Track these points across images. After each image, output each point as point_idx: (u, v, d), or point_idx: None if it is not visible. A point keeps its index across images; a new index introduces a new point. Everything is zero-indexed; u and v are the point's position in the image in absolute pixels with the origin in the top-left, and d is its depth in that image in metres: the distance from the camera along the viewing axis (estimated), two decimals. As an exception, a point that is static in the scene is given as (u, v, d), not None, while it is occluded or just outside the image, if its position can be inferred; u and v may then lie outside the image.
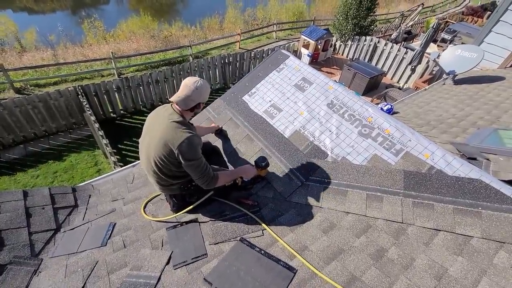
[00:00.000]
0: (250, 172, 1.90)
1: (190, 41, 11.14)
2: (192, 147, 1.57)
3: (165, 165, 1.64)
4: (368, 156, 1.90)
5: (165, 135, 1.56)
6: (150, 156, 1.66)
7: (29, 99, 6.18)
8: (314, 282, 1.39)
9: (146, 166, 1.75)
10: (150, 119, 1.78)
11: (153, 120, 1.74)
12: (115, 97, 7.35)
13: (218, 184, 1.76)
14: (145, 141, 1.73)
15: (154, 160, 1.64)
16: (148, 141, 1.69)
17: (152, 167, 1.68)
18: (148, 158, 1.69)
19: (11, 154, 6.22)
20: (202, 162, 1.63)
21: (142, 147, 1.77)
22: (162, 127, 1.60)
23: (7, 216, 1.88)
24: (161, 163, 1.63)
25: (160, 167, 1.65)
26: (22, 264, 1.68)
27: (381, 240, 1.52)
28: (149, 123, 1.77)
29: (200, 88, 1.65)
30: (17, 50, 11.00)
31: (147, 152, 1.69)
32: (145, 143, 1.72)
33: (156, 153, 1.61)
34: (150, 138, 1.67)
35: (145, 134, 1.76)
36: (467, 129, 2.95)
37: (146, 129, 1.76)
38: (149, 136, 1.69)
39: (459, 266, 1.31)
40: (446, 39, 12.22)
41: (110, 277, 1.58)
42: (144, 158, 1.74)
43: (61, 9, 19.05)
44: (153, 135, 1.64)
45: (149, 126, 1.75)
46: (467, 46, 4.92)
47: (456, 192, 1.55)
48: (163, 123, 1.62)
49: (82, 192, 2.36)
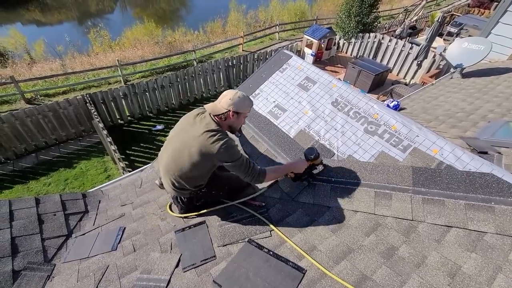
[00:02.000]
0: (301, 166, 1.83)
1: (194, 45, 11.26)
2: (231, 150, 1.60)
3: (194, 171, 1.64)
4: (375, 153, 1.87)
5: (202, 145, 1.57)
6: (180, 162, 1.64)
7: (40, 109, 6.35)
8: (324, 282, 1.37)
9: (168, 167, 1.71)
10: (183, 123, 1.75)
11: (189, 125, 1.69)
12: (122, 104, 7.48)
13: (268, 180, 1.78)
14: (174, 144, 1.70)
15: (184, 165, 1.62)
16: (179, 145, 1.66)
17: (177, 171, 1.67)
18: (176, 163, 1.66)
19: (24, 163, 6.39)
20: (244, 160, 1.65)
21: (168, 148, 1.73)
22: (199, 138, 1.58)
23: (20, 223, 1.93)
24: (192, 169, 1.62)
25: (187, 172, 1.64)
26: (36, 269, 1.72)
27: (391, 238, 1.49)
28: (182, 126, 1.74)
29: (236, 95, 1.66)
30: (27, 62, 11.32)
31: (177, 156, 1.66)
32: (174, 146, 1.69)
33: (190, 160, 1.60)
34: (183, 143, 1.64)
35: (175, 136, 1.73)
36: (477, 122, 2.89)
37: (179, 131, 1.72)
38: (181, 139, 1.67)
39: (473, 263, 1.28)
40: (452, 32, 12.00)
41: (121, 281, 1.60)
42: (169, 160, 1.70)
43: (68, 20, 19.55)
44: (187, 141, 1.62)
45: (182, 128, 1.71)
46: (474, 39, 4.82)
47: (467, 187, 1.51)
48: (199, 132, 1.60)
49: (92, 198, 2.40)
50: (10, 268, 1.67)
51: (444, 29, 12.34)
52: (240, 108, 1.68)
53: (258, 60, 9.89)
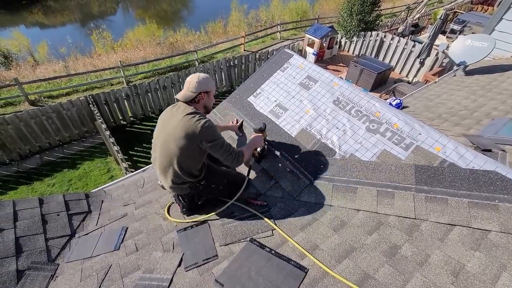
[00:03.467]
0: (260, 140, 2.04)
1: (196, 46, 11.28)
2: (212, 129, 1.70)
3: (186, 158, 1.69)
4: (377, 151, 1.86)
5: (185, 127, 1.65)
6: (169, 153, 1.69)
7: (43, 110, 6.40)
8: (326, 281, 1.37)
9: (162, 164, 1.75)
10: (163, 119, 1.83)
11: (167, 118, 1.78)
12: (124, 105, 7.52)
13: (245, 159, 1.89)
14: (160, 139, 1.76)
15: (174, 154, 1.67)
16: (164, 138, 1.72)
17: (170, 163, 1.71)
18: (166, 155, 1.71)
19: (28, 164, 6.45)
20: (224, 141, 1.76)
21: (156, 146, 1.79)
22: (180, 122, 1.67)
23: (24, 223, 1.95)
24: (182, 155, 1.68)
25: (180, 161, 1.69)
26: (39, 269, 1.73)
27: (393, 237, 1.49)
28: (162, 122, 1.81)
29: (198, 78, 1.79)
30: (30, 64, 11.42)
31: (165, 149, 1.71)
32: (161, 141, 1.74)
33: (177, 146, 1.66)
34: (167, 135, 1.71)
35: (159, 133, 1.79)
36: (481, 120, 2.86)
37: (161, 128, 1.80)
38: (164, 133, 1.73)
39: (477, 262, 1.26)
40: (455, 29, 11.89)
41: (124, 280, 1.61)
42: (160, 156, 1.75)
43: (70, 22, 19.69)
44: (170, 131, 1.69)
45: (163, 124, 1.79)
46: (477, 36, 4.77)
47: (471, 185, 1.49)
48: (178, 118, 1.69)
49: (95, 198, 2.42)
50: (14, 267, 1.69)
51: (447, 26, 12.24)
52: (208, 87, 1.83)
53: (260, 59, 9.88)
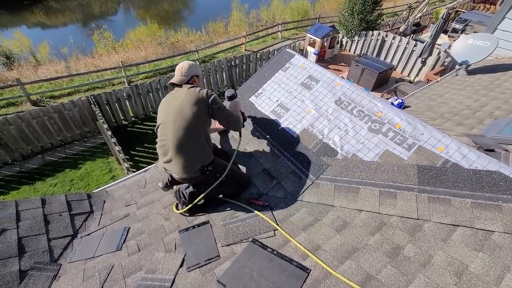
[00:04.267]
0: (238, 105, 2.21)
1: (197, 46, 11.27)
2: (214, 95, 1.88)
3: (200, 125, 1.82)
4: (379, 152, 1.85)
5: (192, 97, 1.80)
6: (185, 123, 1.76)
7: (45, 111, 6.41)
8: (329, 282, 1.37)
9: (178, 139, 1.76)
10: (167, 102, 1.92)
11: (170, 101, 1.89)
12: (126, 105, 7.52)
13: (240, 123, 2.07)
14: (170, 117, 1.80)
15: (190, 122, 1.76)
16: (176, 113, 1.79)
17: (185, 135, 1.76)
18: (182, 128, 1.76)
19: (30, 164, 6.47)
20: (224, 104, 1.96)
21: (168, 126, 1.80)
22: (186, 96, 1.81)
23: (27, 223, 1.95)
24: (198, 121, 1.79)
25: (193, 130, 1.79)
26: (42, 269, 1.73)
27: (396, 237, 1.48)
28: (167, 104, 1.90)
29: (187, 64, 1.98)
30: (32, 64, 11.43)
31: (180, 121, 1.76)
32: (173, 117, 1.79)
33: (192, 111, 1.77)
34: (178, 108, 1.79)
35: (166, 115, 1.85)
36: (484, 120, 2.84)
37: (167, 110, 1.87)
38: (173, 110, 1.81)
39: (480, 263, 1.26)
40: (457, 29, 11.83)
41: (126, 280, 1.61)
42: (175, 131, 1.76)
43: (72, 22, 19.71)
44: (180, 106, 1.80)
45: (168, 106, 1.87)
46: (480, 35, 4.74)
47: (474, 185, 1.49)
48: (183, 94, 1.84)
49: (97, 198, 2.42)
50: (17, 268, 1.69)
51: (449, 25, 12.18)
52: (197, 71, 2.02)
53: (261, 59, 9.87)
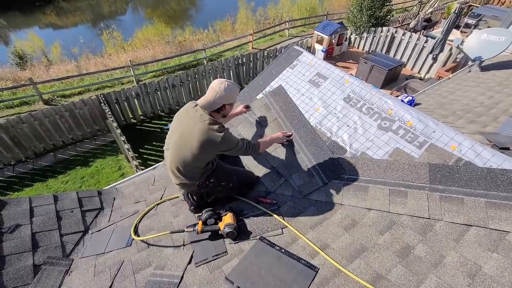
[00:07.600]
0: (281, 138, 2.08)
1: (204, 44, 11.30)
2: (230, 139, 1.69)
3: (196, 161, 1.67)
4: (389, 150, 1.82)
5: (203, 138, 1.60)
6: (181, 156, 1.67)
7: (57, 109, 6.56)
8: (337, 280, 1.35)
9: (172, 163, 1.73)
10: (180, 117, 1.77)
11: (183, 119, 1.72)
12: (134, 103, 7.63)
13: (261, 150, 1.98)
14: (173, 138, 1.72)
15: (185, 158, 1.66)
16: (177, 138, 1.68)
17: (179, 164, 1.69)
18: (178, 157, 1.68)
19: (43, 162, 6.64)
20: (240, 143, 1.76)
21: (169, 145, 1.75)
22: (198, 131, 1.61)
23: (40, 219, 2.00)
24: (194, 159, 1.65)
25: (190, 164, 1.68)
26: (55, 264, 1.78)
27: (406, 237, 1.45)
28: (178, 120, 1.76)
29: (225, 89, 1.67)
30: (44, 64, 11.70)
31: (177, 151, 1.68)
32: (174, 140, 1.70)
33: (192, 153, 1.62)
34: (181, 136, 1.67)
35: (172, 132, 1.75)
36: (498, 117, 2.76)
37: (176, 126, 1.74)
38: (179, 133, 1.69)
39: (495, 264, 1.22)
40: (470, 24, 11.52)
41: (136, 276, 1.63)
42: (171, 154, 1.72)
43: (82, 22, 20.05)
44: (186, 134, 1.65)
45: (180, 123, 1.73)
46: (494, 30, 4.61)
47: (488, 184, 1.45)
48: (196, 125, 1.63)
49: (107, 195, 2.46)
50: (31, 262, 1.74)
51: (461, 20, 11.86)
52: (234, 99, 1.79)
53: (268, 57, 9.83)
